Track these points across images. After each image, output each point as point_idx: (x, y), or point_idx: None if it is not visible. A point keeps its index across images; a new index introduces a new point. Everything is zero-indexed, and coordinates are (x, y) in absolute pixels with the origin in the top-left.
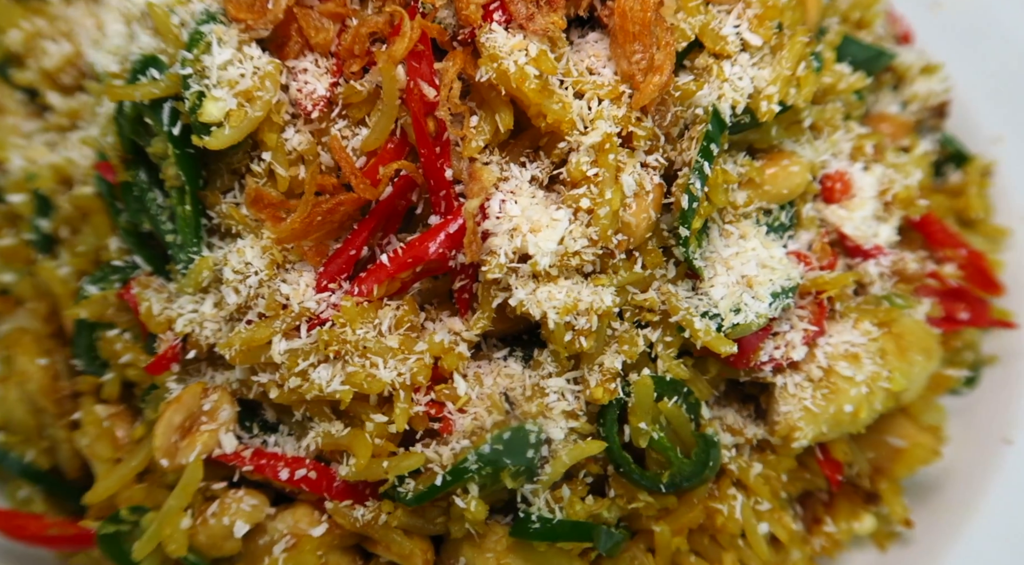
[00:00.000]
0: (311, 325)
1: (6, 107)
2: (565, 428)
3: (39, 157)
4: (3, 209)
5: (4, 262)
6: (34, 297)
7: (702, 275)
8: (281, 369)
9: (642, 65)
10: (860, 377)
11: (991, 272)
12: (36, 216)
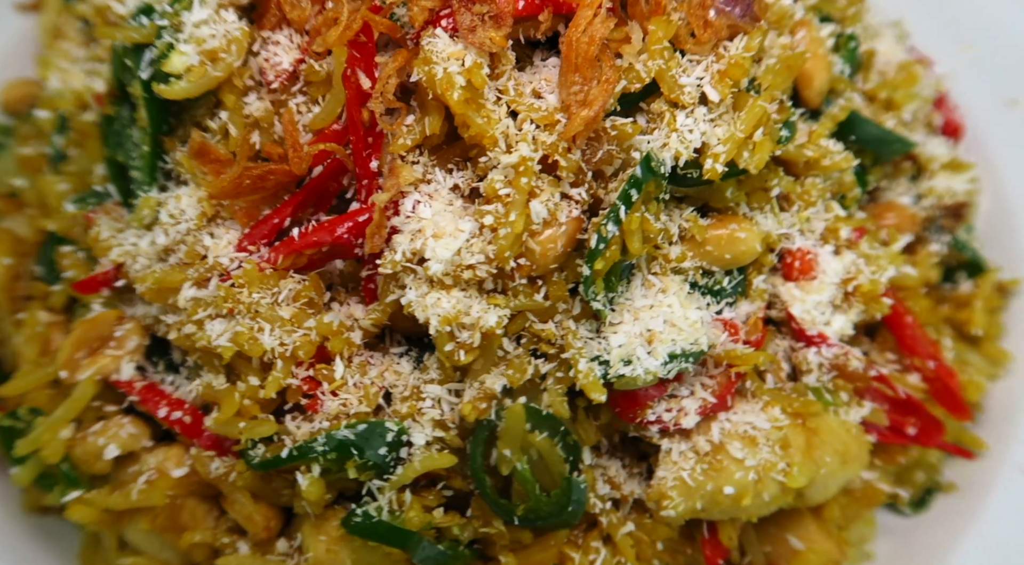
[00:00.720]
0: (222, 280)
1: (64, 32)
2: (430, 436)
3: (73, 81)
4: (35, 121)
5: (21, 168)
6: (35, 205)
7: (603, 318)
8: (182, 314)
9: (579, 97)
10: (751, 462)
11: (960, 393)
12: (54, 132)
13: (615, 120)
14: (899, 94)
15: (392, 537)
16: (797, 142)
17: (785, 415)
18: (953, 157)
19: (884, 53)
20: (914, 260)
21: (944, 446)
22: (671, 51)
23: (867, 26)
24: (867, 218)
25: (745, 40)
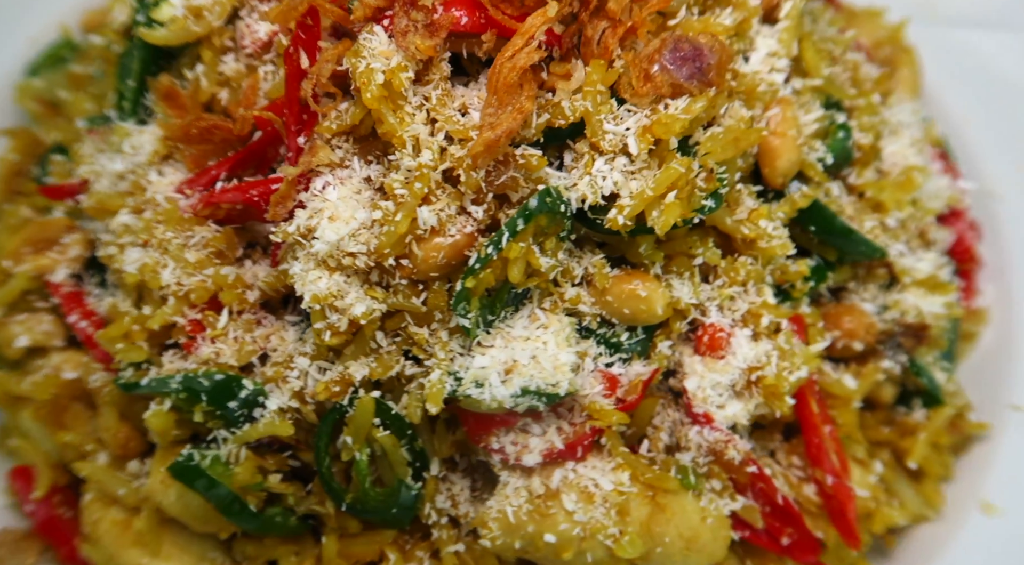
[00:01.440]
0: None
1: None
2: (285, 404)
3: (122, 16)
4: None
5: (69, 84)
6: (66, 117)
7: (471, 335)
8: (109, 235)
9: (490, 120)
10: (580, 517)
11: (853, 517)
12: (98, 58)
13: (526, 149)
14: (887, 196)
15: (204, 485)
16: (737, 217)
17: (634, 483)
18: (932, 276)
19: (893, 153)
20: (858, 371)
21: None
22: (605, 96)
23: (885, 121)
24: (814, 313)
25: (687, 101)
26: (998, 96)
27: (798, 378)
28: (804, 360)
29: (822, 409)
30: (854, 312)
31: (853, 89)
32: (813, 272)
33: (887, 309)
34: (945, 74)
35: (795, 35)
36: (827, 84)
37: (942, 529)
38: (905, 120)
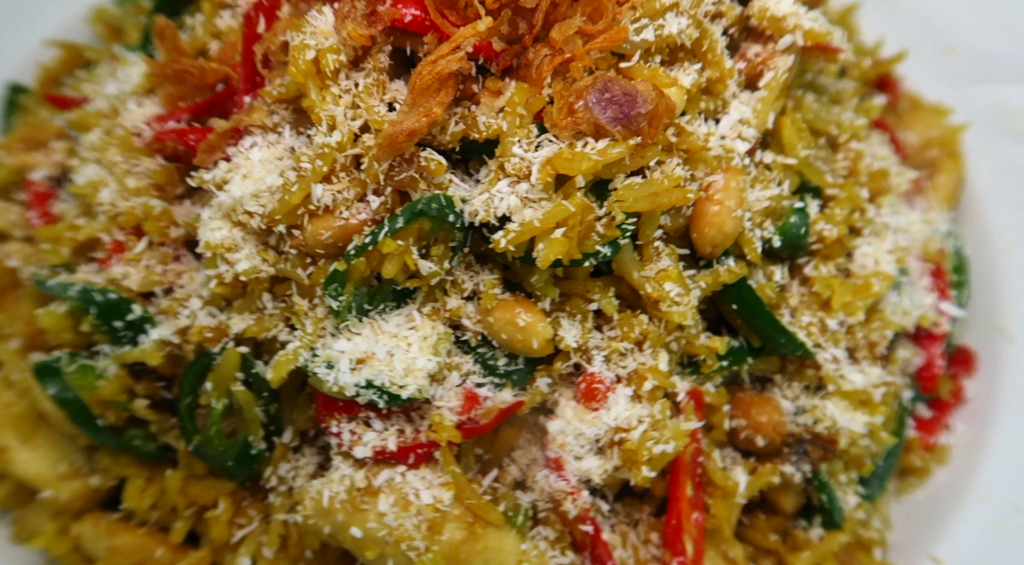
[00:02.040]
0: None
1: None
2: (167, 336)
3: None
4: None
5: (135, 15)
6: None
7: (339, 317)
8: (81, 148)
9: (400, 118)
10: (390, 522)
11: None
12: None
13: (431, 153)
14: (836, 297)
15: (57, 389)
16: (645, 273)
17: (457, 504)
18: (864, 391)
19: (865, 255)
20: (755, 468)
21: None
22: (525, 119)
23: (870, 220)
24: (719, 394)
25: (606, 144)
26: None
27: (662, 451)
28: (673, 435)
29: (697, 493)
30: (768, 406)
31: (839, 178)
32: (730, 353)
33: (804, 412)
34: (999, 191)
35: (772, 107)
36: (803, 165)
37: None
38: (897, 224)
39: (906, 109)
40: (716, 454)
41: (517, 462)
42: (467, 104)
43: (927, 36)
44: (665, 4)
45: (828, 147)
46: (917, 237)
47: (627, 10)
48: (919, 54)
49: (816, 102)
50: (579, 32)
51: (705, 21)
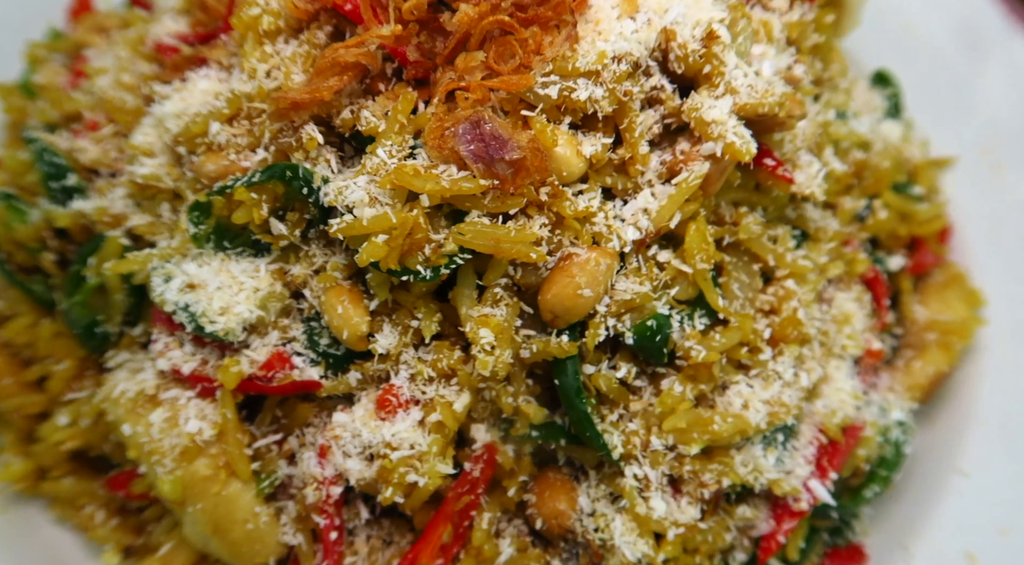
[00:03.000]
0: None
1: None
2: (85, 210)
3: None
4: None
5: None
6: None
7: (195, 243)
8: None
9: (294, 89)
10: (153, 432)
11: None
12: None
13: (312, 129)
14: (668, 420)
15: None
16: (471, 312)
17: (215, 445)
18: (655, 521)
19: (738, 393)
20: (525, 546)
21: None
22: (405, 128)
23: (761, 363)
24: (517, 460)
25: (461, 176)
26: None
27: (414, 481)
28: (428, 472)
29: (454, 543)
30: (563, 494)
31: (750, 308)
32: (544, 427)
33: (593, 516)
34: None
35: (680, 207)
36: (697, 276)
37: None
38: (805, 383)
39: (937, 282)
40: (488, 517)
41: (301, 438)
42: (370, 98)
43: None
44: (579, 69)
45: (759, 275)
46: (830, 405)
47: (539, 63)
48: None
49: (761, 227)
50: (488, 68)
51: (627, 100)
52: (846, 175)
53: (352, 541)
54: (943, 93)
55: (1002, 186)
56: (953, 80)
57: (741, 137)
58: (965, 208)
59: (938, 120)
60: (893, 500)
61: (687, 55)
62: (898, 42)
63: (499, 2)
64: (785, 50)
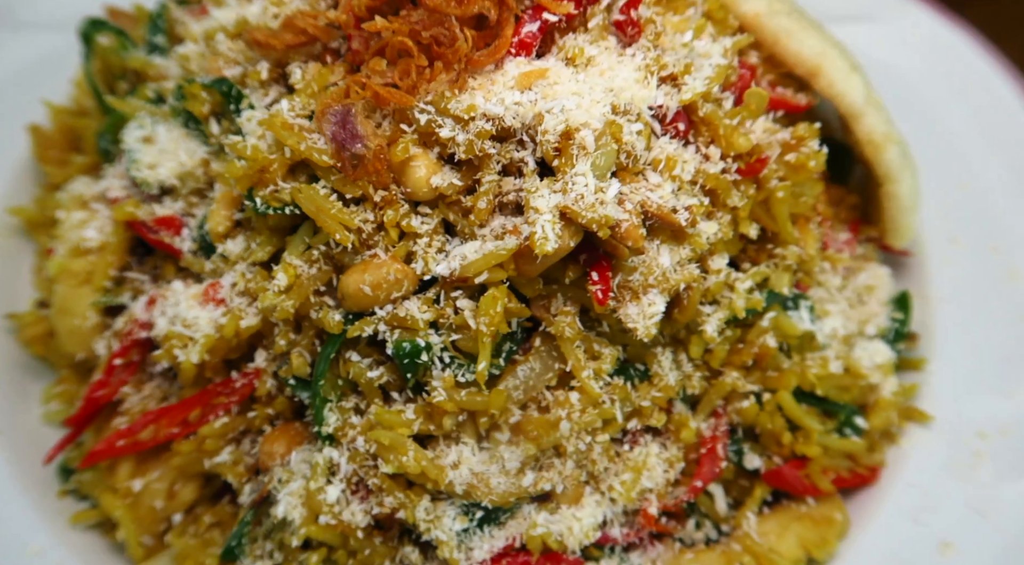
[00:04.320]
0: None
1: None
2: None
3: None
4: None
5: None
6: None
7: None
8: None
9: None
10: None
11: None
12: None
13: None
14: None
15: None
16: None
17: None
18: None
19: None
20: None
21: None
22: (313, 95)
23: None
24: None
25: (320, 145)
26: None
27: (178, 357)
28: (188, 354)
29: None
30: (284, 441)
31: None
32: (300, 381)
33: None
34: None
35: (486, 266)
36: (478, 334)
37: None
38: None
39: (795, 511)
40: (225, 422)
41: (154, 289)
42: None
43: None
44: (449, 110)
45: (555, 374)
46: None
47: (424, 92)
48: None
49: (576, 332)
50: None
51: (482, 155)
52: (721, 346)
53: (142, 380)
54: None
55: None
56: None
57: (546, 233)
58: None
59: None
60: None
61: (543, 142)
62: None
63: (410, 23)
64: (688, 190)
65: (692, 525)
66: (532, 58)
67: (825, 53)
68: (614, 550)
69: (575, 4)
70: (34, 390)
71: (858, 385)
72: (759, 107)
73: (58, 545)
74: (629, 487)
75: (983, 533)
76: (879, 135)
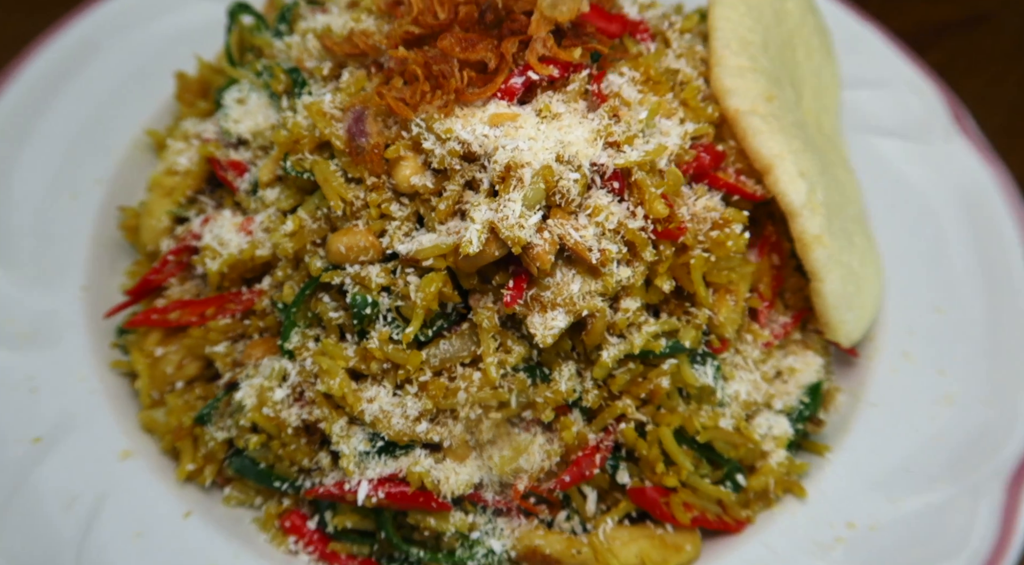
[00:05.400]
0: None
1: None
2: None
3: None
4: None
5: None
6: None
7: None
8: None
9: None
10: None
11: None
12: None
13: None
14: None
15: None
16: None
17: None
18: None
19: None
20: None
21: None
22: (353, 95)
23: None
24: None
25: (337, 128)
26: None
27: (209, 264)
28: (213, 264)
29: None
30: (263, 350)
31: None
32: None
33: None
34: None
35: (433, 253)
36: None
37: None
38: None
39: (647, 531)
40: (224, 321)
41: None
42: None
43: None
44: (433, 128)
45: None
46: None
47: (421, 110)
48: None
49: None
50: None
51: (447, 169)
52: (623, 375)
53: (185, 277)
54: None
55: None
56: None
57: (471, 238)
58: None
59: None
60: None
61: (492, 169)
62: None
63: (425, 57)
64: (611, 237)
65: (563, 517)
66: (513, 103)
67: (781, 156)
68: (485, 510)
69: (560, 70)
70: (121, 265)
71: (747, 446)
72: (675, 183)
73: (101, 380)
74: (505, 462)
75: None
76: (809, 236)
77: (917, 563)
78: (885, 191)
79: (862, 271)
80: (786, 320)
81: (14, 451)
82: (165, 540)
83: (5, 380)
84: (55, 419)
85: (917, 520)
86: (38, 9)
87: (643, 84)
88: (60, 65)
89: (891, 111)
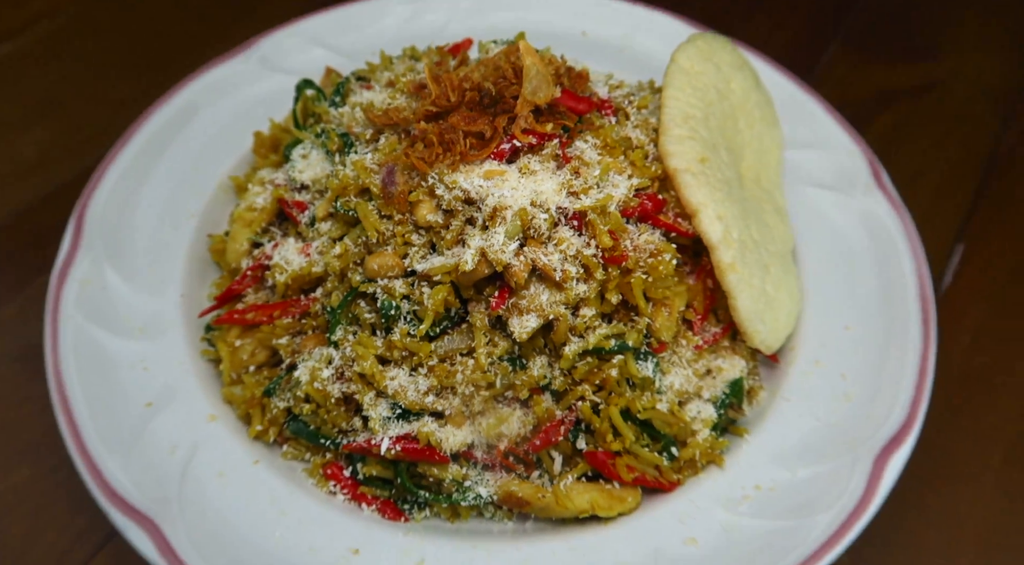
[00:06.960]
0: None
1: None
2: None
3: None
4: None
5: None
6: None
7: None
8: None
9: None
10: None
11: None
12: None
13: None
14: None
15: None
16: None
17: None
18: None
19: None
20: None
21: None
22: (385, 155)
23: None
24: None
25: (373, 181)
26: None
27: (279, 278)
28: (281, 277)
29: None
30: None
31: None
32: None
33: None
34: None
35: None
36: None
37: None
38: None
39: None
40: (288, 322)
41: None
42: (395, 136)
43: None
44: (443, 181)
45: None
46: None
47: (436, 166)
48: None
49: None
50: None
51: (449, 212)
52: (583, 366)
53: (259, 288)
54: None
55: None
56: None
57: (466, 260)
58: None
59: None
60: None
61: (484, 210)
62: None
63: (440, 128)
64: (571, 261)
65: (536, 475)
66: (502, 163)
67: (704, 204)
68: (475, 465)
69: (537, 139)
70: (210, 279)
71: (679, 425)
72: (616, 223)
73: (194, 364)
74: (491, 428)
75: (722, 541)
76: (724, 264)
77: (802, 513)
78: (816, 232)
79: (775, 294)
80: (717, 330)
81: (134, 412)
82: (240, 479)
83: (126, 361)
84: (161, 390)
85: (806, 484)
86: (144, 73)
87: (602, 149)
88: (170, 122)
89: (827, 168)
